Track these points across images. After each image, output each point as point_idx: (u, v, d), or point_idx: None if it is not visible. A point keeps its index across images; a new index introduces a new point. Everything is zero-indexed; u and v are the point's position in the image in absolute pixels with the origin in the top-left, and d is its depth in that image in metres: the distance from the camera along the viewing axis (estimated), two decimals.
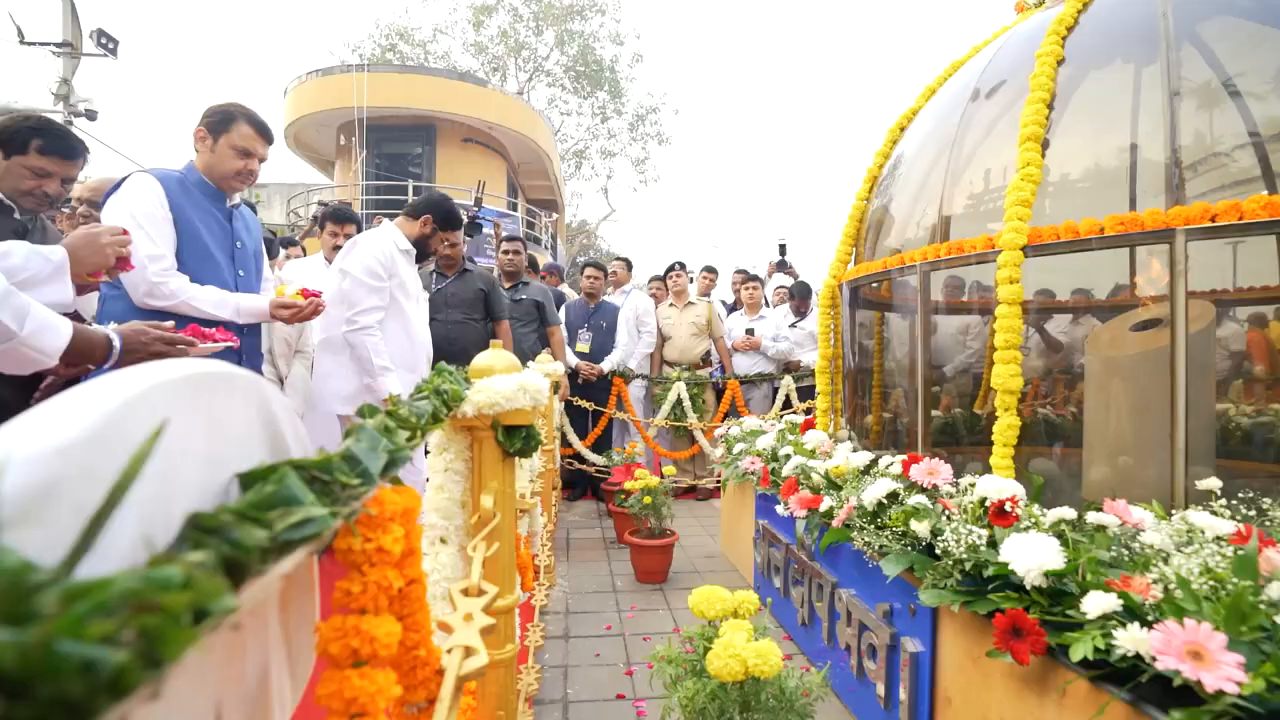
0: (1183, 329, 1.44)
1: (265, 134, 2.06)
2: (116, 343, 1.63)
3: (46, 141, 1.78)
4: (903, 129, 2.63)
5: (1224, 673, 0.82)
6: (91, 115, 8.09)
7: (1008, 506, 1.34)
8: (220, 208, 2.05)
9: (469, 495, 1.12)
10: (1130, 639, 0.92)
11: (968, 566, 1.38)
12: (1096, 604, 1.00)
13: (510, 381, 1.06)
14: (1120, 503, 1.29)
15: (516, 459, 1.82)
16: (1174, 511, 1.27)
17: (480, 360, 1.12)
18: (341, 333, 2.41)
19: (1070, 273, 2.66)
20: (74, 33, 7.74)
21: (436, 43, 22.28)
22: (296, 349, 2.65)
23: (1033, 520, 1.31)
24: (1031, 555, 1.18)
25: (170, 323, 1.73)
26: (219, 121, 1.97)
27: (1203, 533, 1.18)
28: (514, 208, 15.02)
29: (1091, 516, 1.26)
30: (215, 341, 1.65)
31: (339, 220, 3.02)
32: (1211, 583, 0.98)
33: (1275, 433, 2.13)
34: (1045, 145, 1.80)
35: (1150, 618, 1.03)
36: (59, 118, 8.09)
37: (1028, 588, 1.20)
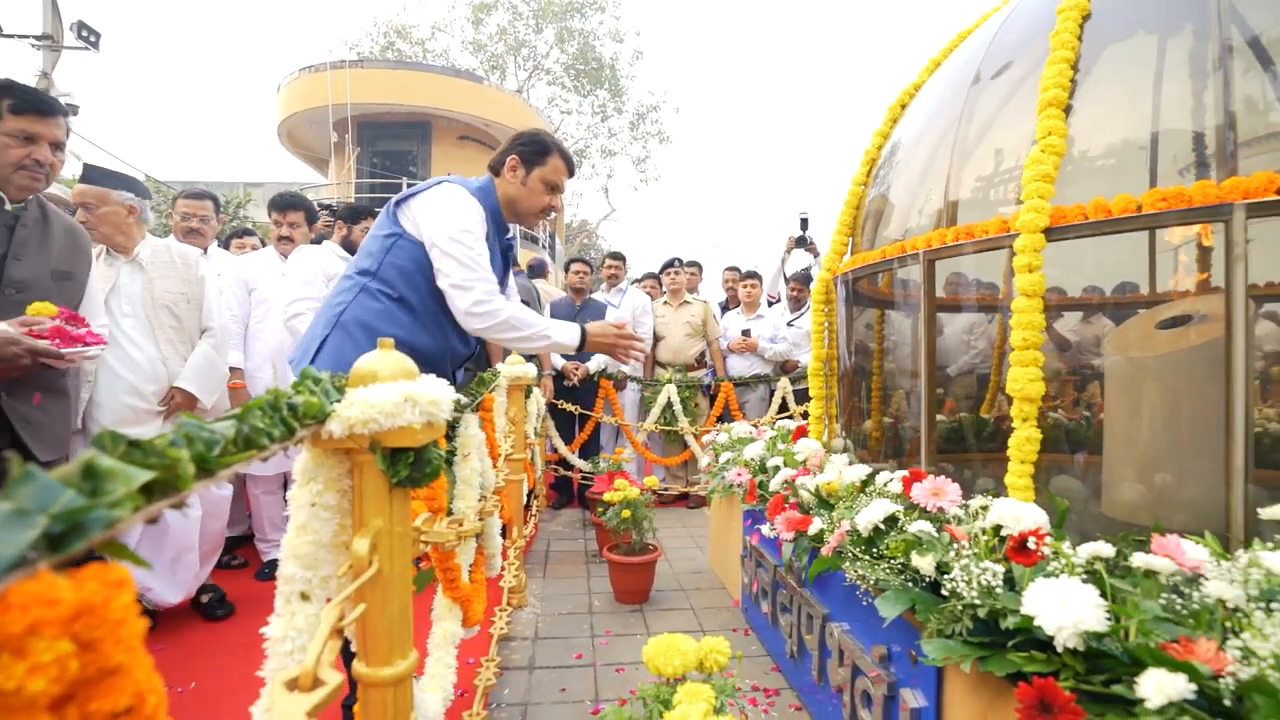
0: (1242, 323, 1.19)
1: (572, 168, 1.89)
2: None
3: (17, 100, 1.63)
4: (904, 107, 2.38)
5: None
6: (72, 110, 7.87)
7: (1031, 542, 1.10)
8: (502, 240, 1.89)
9: (351, 533, 0.88)
10: None
11: (981, 613, 1.13)
12: (1160, 688, 0.76)
13: (391, 392, 0.82)
14: (1172, 539, 1.04)
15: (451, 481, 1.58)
16: (1239, 551, 1.02)
17: (363, 364, 0.88)
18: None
19: (1073, 268, 2.41)
20: (54, 25, 7.53)
21: (435, 40, 22.10)
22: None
23: (1063, 561, 1.06)
24: (1065, 609, 0.94)
25: (45, 341, 1.50)
26: (536, 152, 1.80)
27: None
28: None
29: (1139, 559, 1.02)
30: (86, 345, 1.43)
31: (282, 208, 2.79)
32: None
33: None
34: (1068, 113, 1.55)
35: (1228, 702, 0.78)
36: None
37: (1059, 649, 0.95)
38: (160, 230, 2.92)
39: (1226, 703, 0.77)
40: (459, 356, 1.89)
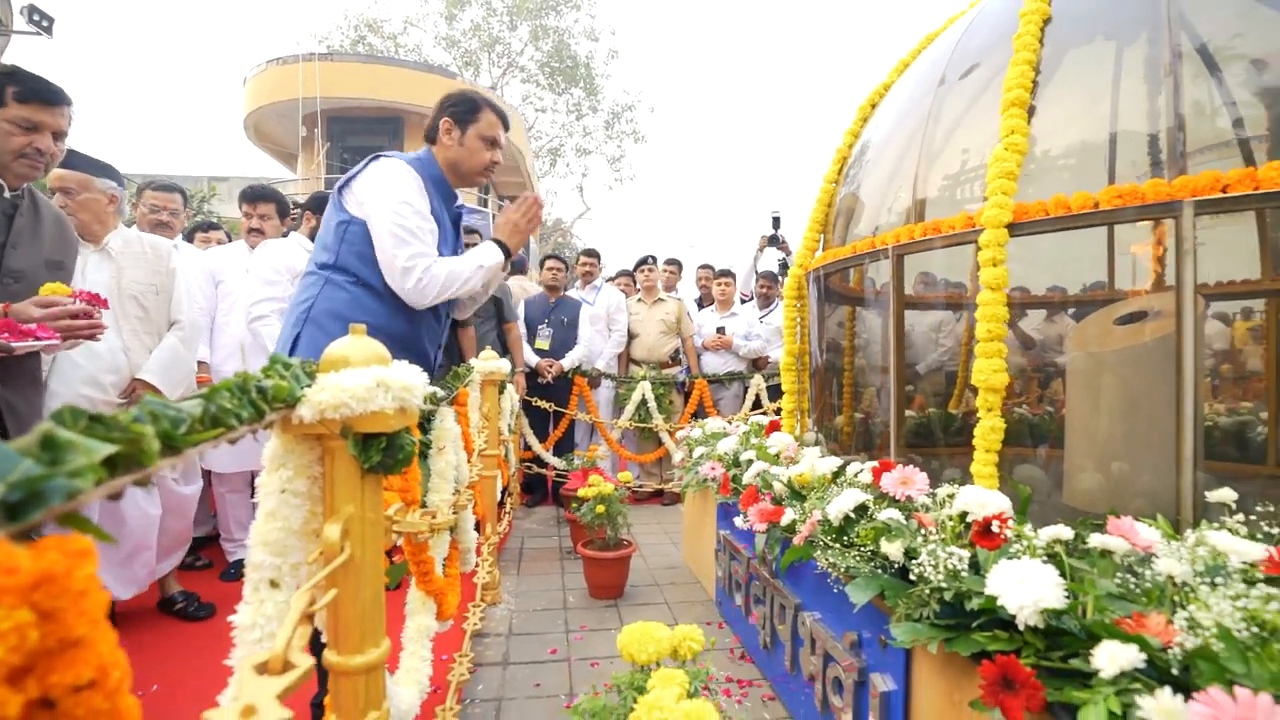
0: (1191, 317, 1.24)
1: (506, 121, 1.86)
2: None
3: (22, 88, 1.58)
4: (874, 106, 2.43)
5: None
6: None
7: (994, 526, 1.13)
8: (450, 208, 1.84)
9: (322, 521, 0.87)
10: (1162, 711, 0.71)
11: (947, 596, 1.16)
12: (1113, 658, 0.79)
13: (364, 376, 0.81)
14: (1126, 520, 1.08)
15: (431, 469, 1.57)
16: (1188, 532, 1.07)
17: (335, 349, 0.87)
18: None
19: (1040, 265, 2.49)
20: (3, 8, 7.23)
21: (407, 35, 21.81)
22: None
23: (1025, 543, 1.10)
24: (1025, 589, 0.97)
25: None
26: (467, 110, 1.78)
27: (1226, 557, 0.97)
28: (484, 203, 14.69)
29: (1095, 539, 1.06)
30: (37, 340, 1.39)
31: (253, 199, 2.73)
32: (1254, 629, 0.77)
33: (1256, 431, 1.99)
34: (1031, 113, 1.60)
35: (1175, 670, 0.82)
36: None
37: (1020, 627, 0.98)
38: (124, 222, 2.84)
39: (1174, 671, 0.81)
40: (436, 334, 1.86)
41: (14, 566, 0.36)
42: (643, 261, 4.86)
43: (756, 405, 4.59)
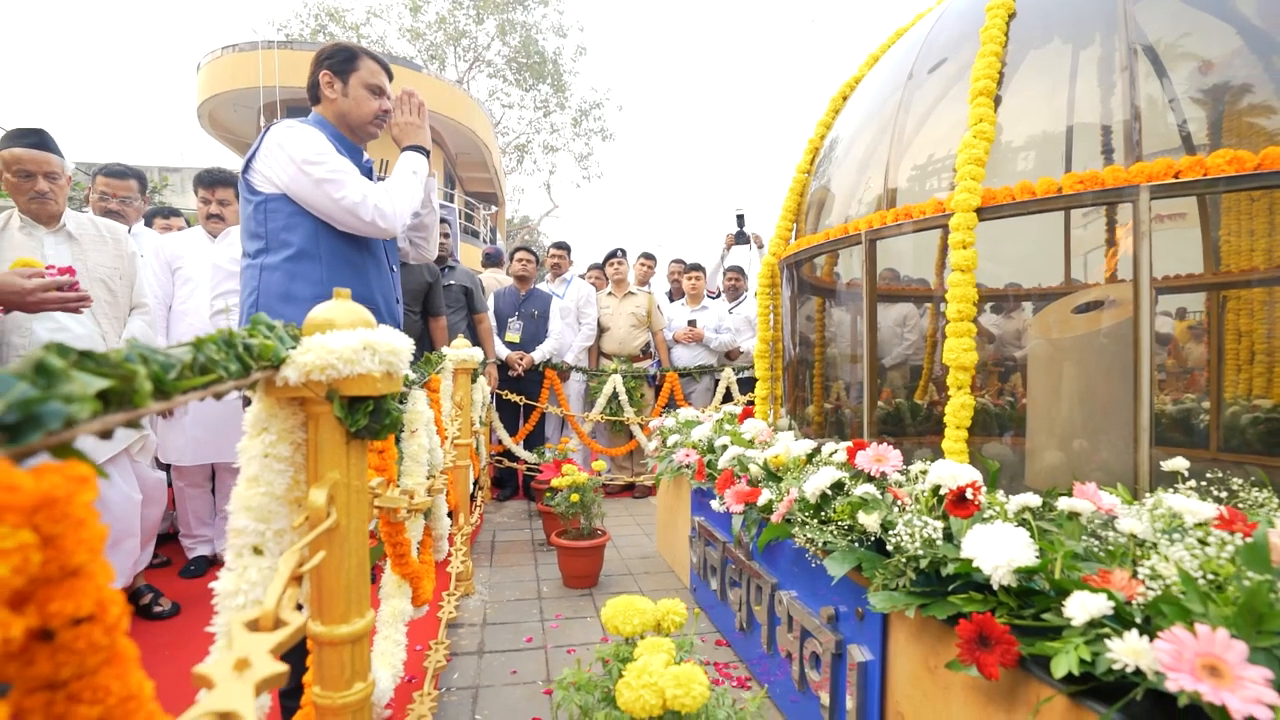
0: (1147, 294, 1.31)
1: (389, 70, 1.81)
2: None
3: None
4: (845, 98, 2.48)
5: (1251, 692, 0.65)
6: None
7: (969, 494, 1.17)
8: (360, 164, 1.76)
9: (305, 489, 0.85)
10: (1129, 650, 0.74)
11: (923, 564, 1.20)
12: (1083, 607, 0.83)
13: (351, 338, 0.80)
14: (1090, 486, 1.13)
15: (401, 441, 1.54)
16: (1145, 497, 1.13)
17: (319, 313, 0.85)
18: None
19: (1001, 262, 2.59)
20: None
21: (370, 26, 21.30)
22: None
23: (997, 509, 1.14)
24: (999, 550, 1.00)
25: None
26: (344, 60, 1.74)
27: (1182, 517, 1.03)
28: (451, 199, 14.46)
29: (1063, 502, 1.11)
30: None
31: (210, 184, 2.64)
32: (1210, 575, 0.82)
33: (1199, 419, 2.11)
34: (998, 103, 1.66)
35: (1138, 619, 0.86)
36: None
37: (994, 587, 1.02)
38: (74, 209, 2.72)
39: (1138, 621, 0.85)
40: (388, 289, 1.84)
41: (16, 485, 0.34)
42: (612, 254, 4.86)
43: (727, 398, 4.63)
